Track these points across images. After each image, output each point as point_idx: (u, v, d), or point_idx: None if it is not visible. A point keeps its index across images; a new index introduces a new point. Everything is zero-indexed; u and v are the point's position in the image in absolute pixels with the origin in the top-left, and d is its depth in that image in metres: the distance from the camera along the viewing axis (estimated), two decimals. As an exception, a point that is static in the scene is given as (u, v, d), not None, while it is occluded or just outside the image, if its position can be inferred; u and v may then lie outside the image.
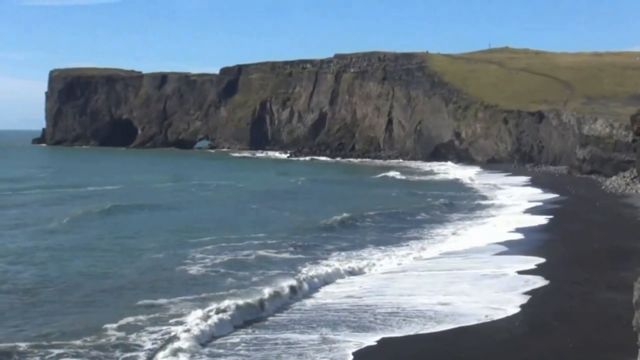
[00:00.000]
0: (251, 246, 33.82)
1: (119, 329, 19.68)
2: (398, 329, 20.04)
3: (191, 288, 24.95)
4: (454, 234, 39.40)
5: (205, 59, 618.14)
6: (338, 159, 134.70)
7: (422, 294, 24.13)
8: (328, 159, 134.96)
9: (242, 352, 18.23)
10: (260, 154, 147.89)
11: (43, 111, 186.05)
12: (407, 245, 35.46)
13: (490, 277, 26.73)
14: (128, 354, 17.88)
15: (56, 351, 17.90)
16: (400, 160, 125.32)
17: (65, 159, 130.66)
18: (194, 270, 28.28)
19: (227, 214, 49.11)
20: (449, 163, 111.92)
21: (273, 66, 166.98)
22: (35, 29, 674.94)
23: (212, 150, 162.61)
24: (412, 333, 19.61)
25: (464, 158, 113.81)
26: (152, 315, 20.94)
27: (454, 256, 31.82)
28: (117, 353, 17.92)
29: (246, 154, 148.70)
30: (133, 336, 19.08)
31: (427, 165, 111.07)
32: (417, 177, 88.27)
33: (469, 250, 33.27)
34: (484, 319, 20.73)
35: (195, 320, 20.07)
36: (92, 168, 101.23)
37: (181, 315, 21.04)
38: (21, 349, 17.97)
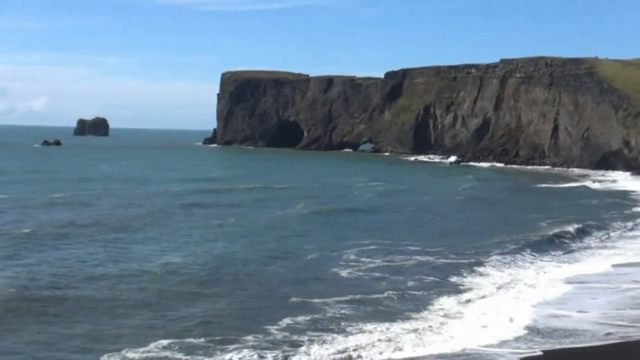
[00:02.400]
0: (411, 251, 35.07)
1: (281, 329, 21.29)
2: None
3: (346, 290, 26.48)
4: (604, 247, 38.80)
5: (370, 63, 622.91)
6: (502, 164, 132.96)
7: (533, 306, 24.12)
8: (503, 165, 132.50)
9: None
10: (423, 158, 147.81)
11: (210, 112, 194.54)
12: (560, 256, 35.59)
13: (619, 291, 26.22)
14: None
15: (231, 346, 19.67)
16: (566, 168, 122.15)
17: (247, 159, 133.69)
18: (349, 272, 29.96)
19: (413, 219, 50.27)
20: (624, 173, 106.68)
21: (437, 70, 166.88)
22: (207, 34, 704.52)
23: (387, 153, 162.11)
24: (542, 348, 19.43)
25: (632, 167, 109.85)
26: (310, 317, 22.59)
27: (600, 270, 31.33)
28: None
29: (411, 157, 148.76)
30: (295, 337, 20.58)
31: (598, 174, 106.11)
32: (614, 188, 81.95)
33: (633, 263, 32.57)
34: (605, 339, 20.10)
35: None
36: (277, 168, 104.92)
37: (339, 318, 22.57)
38: (199, 343, 19.89)
